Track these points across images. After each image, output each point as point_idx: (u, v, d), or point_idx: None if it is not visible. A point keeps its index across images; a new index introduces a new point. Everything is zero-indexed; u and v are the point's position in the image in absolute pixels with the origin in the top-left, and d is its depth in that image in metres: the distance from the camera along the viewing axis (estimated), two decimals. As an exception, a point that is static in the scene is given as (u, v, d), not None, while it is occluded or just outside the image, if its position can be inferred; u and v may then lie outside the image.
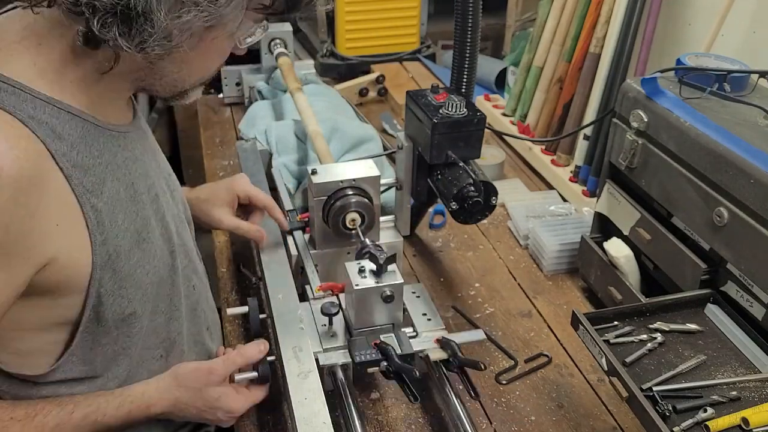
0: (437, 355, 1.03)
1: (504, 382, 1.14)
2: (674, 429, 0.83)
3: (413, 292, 1.16)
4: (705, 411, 0.84)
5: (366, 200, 1.19)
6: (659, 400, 0.86)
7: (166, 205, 0.96)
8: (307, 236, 1.28)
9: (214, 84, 2.09)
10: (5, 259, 0.72)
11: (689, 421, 0.84)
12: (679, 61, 1.14)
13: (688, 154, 1.01)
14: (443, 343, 1.03)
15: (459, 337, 1.05)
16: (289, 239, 1.28)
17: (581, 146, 1.61)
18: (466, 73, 1.31)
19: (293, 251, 1.25)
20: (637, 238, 1.16)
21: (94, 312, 0.83)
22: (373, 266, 1.03)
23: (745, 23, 1.37)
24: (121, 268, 0.84)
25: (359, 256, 1.11)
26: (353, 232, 1.20)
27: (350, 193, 1.18)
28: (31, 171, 0.72)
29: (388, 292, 1.03)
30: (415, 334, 1.08)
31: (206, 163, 1.79)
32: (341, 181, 1.18)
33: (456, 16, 1.26)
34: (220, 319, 1.20)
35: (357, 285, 1.02)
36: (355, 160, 1.37)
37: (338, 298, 1.12)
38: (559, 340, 1.23)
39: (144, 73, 0.82)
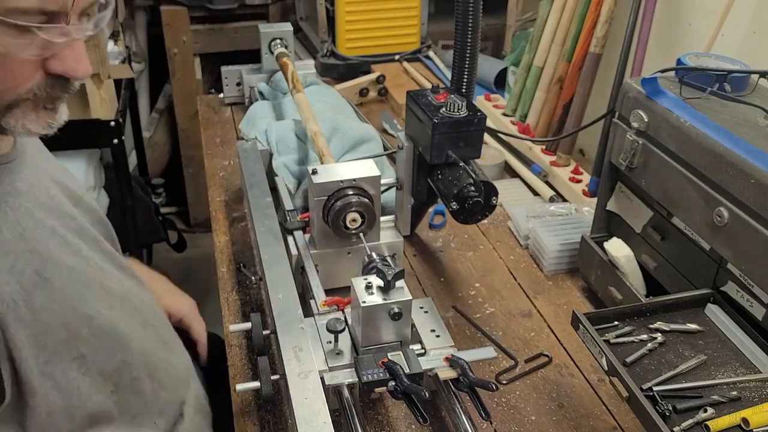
0: (447, 374, 1.00)
1: (504, 382, 1.14)
2: (674, 429, 0.83)
3: (421, 307, 1.12)
4: (705, 411, 0.85)
5: (366, 200, 1.19)
6: (659, 400, 0.86)
7: (77, 233, 0.89)
8: (307, 236, 1.28)
9: (215, 84, 2.09)
10: None
11: (689, 421, 0.84)
12: (679, 61, 1.14)
13: (689, 154, 1.02)
14: (453, 362, 1.00)
15: (469, 355, 1.01)
16: (290, 239, 1.28)
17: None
18: (466, 73, 1.31)
19: (293, 251, 1.25)
20: (650, 236, 1.16)
21: (11, 367, 0.75)
22: (381, 282, 0.99)
23: (745, 23, 1.37)
24: (23, 316, 0.76)
25: (366, 271, 1.08)
26: (353, 232, 1.20)
27: (351, 193, 1.18)
28: None
29: (396, 310, 0.99)
30: (423, 351, 1.04)
31: (206, 162, 1.80)
32: (341, 181, 1.18)
33: (456, 16, 1.26)
34: (221, 325, 1.19)
35: (364, 302, 0.98)
36: (356, 160, 1.37)
37: (344, 314, 1.08)
38: (559, 340, 1.23)
39: None
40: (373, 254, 1.12)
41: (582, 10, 1.66)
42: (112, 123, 2.12)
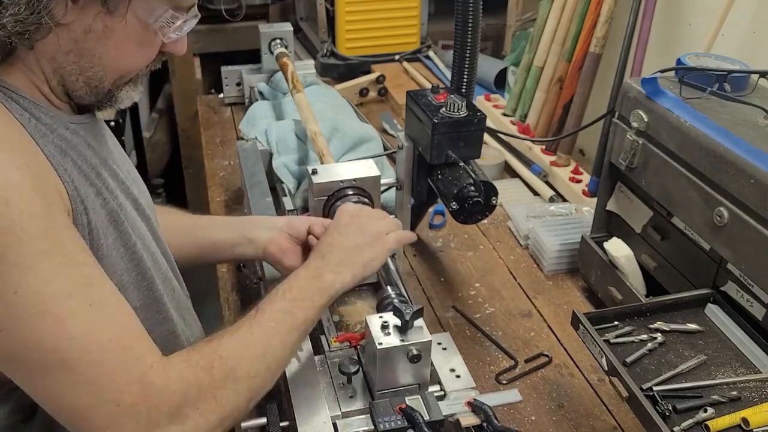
0: (469, 420, 0.91)
1: (504, 382, 1.14)
2: (674, 429, 0.83)
3: (439, 343, 1.03)
4: (705, 411, 0.85)
5: (366, 200, 1.19)
6: (659, 400, 0.86)
7: (131, 200, 0.93)
8: (307, 236, 1.28)
9: (215, 84, 2.09)
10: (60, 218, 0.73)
11: (689, 421, 0.84)
12: (679, 61, 1.14)
13: (689, 154, 1.01)
14: (475, 407, 0.91)
15: (492, 399, 0.93)
16: (290, 239, 1.27)
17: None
18: (466, 73, 1.31)
19: (293, 251, 1.25)
20: (650, 236, 1.16)
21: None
22: (398, 322, 0.91)
23: (745, 23, 1.37)
24: (100, 246, 0.81)
25: (381, 308, 1.02)
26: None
27: (350, 193, 1.18)
28: (21, 131, 0.73)
29: (415, 351, 0.91)
30: (443, 393, 0.96)
31: (206, 162, 1.80)
32: (341, 181, 1.18)
33: (456, 16, 1.26)
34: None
35: (380, 344, 0.90)
36: (356, 160, 1.37)
37: (357, 352, 1.01)
38: (559, 340, 1.23)
39: (58, 71, 0.79)
40: (389, 289, 1.05)
41: (582, 10, 1.66)
42: (112, 123, 2.12)
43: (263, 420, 0.94)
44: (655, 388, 0.88)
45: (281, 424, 0.94)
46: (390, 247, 1.02)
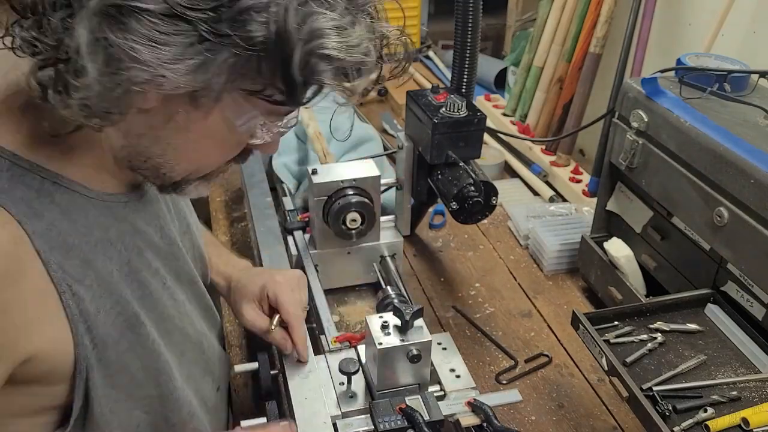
0: (469, 420, 0.91)
1: (504, 382, 1.14)
2: (674, 429, 0.83)
3: (439, 343, 1.03)
4: (705, 411, 0.85)
5: (366, 200, 1.19)
6: (659, 400, 0.86)
7: (178, 279, 0.86)
8: (307, 236, 1.28)
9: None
10: None
11: (689, 421, 0.84)
12: (679, 61, 1.14)
13: (689, 154, 1.02)
14: (475, 407, 0.91)
15: (492, 399, 0.93)
16: (290, 239, 1.28)
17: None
18: (466, 73, 1.31)
19: (293, 251, 1.25)
20: (650, 236, 1.16)
21: (84, 400, 0.74)
22: (398, 321, 0.92)
23: (745, 23, 1.37)
24: (108, 356, 0.73)
25: (381, 308, 1.02)
26: (353, 232, 1.20)
27: (350, 193, 1.18)
28: (6, 265, 0.62)
29: (415, 351, 0.91)
30: (443, 393, 0.96)
31: (206, 163, 1.79)
32: (341, 181, 1.18)
33: (456, 16, 1.26)
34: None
35: (380, 344, 0.90)
36: (355, 160, 1.37)
37: (357, 352, 1.01)
38: (559, 340, 1.23)
39: (125, 150, 0.71)
40: (389, 289, 1.05)
41: (582, 10, 1.66)
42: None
43: (255, 365, 0.97)
44: (655, 388, 0.88)
45: (271, 372, 0.97)
46: None
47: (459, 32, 1.27)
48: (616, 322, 1.00)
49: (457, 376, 0.98)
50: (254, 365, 0.98)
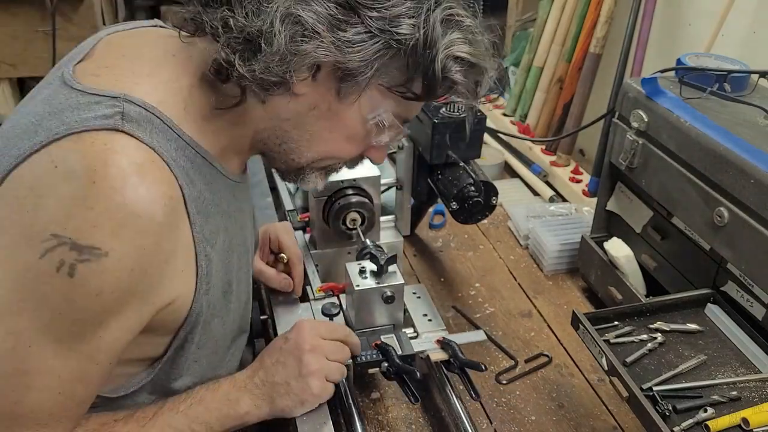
0: (438, 355, 1.03)
1: (504, 382, 1.14)
2: (674, 429, 0.83)
3: (414, 293, 1.16)
4: (705, 411, 0.84)
5: (366, 200, 1.19)
6: (659, 400, 0.86)
7: (248, 258, 0.96)
8: (307, 236, 1.28)
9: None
10: (139, 301, 0.71)
11: (689, 421, 0.84)
12: (679, 61, 1.14)
13: (689, 154, 1.02)
14: (444, 344, 1.03)
15: (460, 338, 1.05)
16: (290, 239, 1.28)
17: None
18: (466, 73, 1.30)
19: (293, 251, 1.25)
20: (650, 236, 1.16)
21: (173, 353, 0.82)
22: (374, 267, 1.03)
23: (745, 23, 1.37)
24: (207, 318, 0.82)
25: (360, 257, 1.11)
26: (353, 232, 1.20)
27: (350, 193, 1.18)
28: (173, 218, 0.72)
29: (389, 293, 1.02)
30: (415, 334, 1.08)
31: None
32: (341, 181, 1.18)
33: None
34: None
35: (357, 285, 1.02)
36: (356, 160, 1.37)
37: (339, 299, 1.12)
38: (559, 340, 1.23)
39: (267, 132, 0.82)
40: (367, 241, 1.14)
41: (582, 10, 1.66)
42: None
43: None
44: (655, 388, 0.88)
45: (261, 317, 1.10)
46: (323, 395, 0.91)
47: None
48: (616, 322, 1.00)
49: (429, 320, 1.10)
50: None
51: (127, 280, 0.68)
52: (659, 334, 0.97)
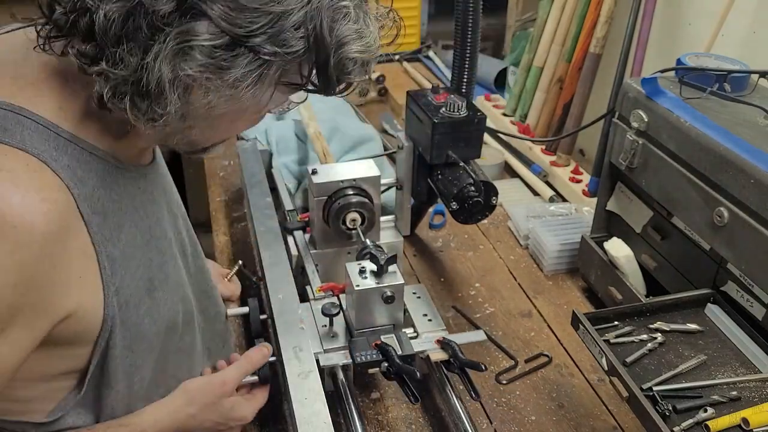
0: (438, 355, 1.03)
1: (504, 382, 1.14)
2: (674, 429, 0.83)
3: (414, 293, 1.16)
4: (705, 411, 0.85)
5: (366, 200, 1.19)
6: (659, 400, 0.86)
7: (179, 247, 0.93)
8: (307, 236, 1.28)
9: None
10: (28, 316, 0.68)
11: (689, 421, 0.84)
12: (679, 61, 1.14)
13: (689, 154, 1.01)
14: (444, 344, 1.03)
15: (460, 338, 1.05)
16: (290, 239, 1.28)
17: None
18: (466, 73, 1.31)
19: (293, 251, 1.25)
20: (650, 236, 1.16)
21: (101, 362, 0.79)
22: (374, 267, 1.03)
23: (745, 23, 1.37)
24: (129, 318, 0.79)
25: (360, 257, 1.11)
26: (353, 232, 1.20)
27: (350, 193, 1.18)
28: (59, 224, 0.68)
29: (389, 293, 1.02)
30: (415, 334, 1.08)
31: (206, 163, 1.80)
32: (341, 181, 1.18)
33: (456, 16, 1.26)
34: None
35: (358, 286, 1.02)
36: (356, 160, 1.37)
37: (339, 299, 1.12)
38: (559, 340, 1.23)
39: (167, 130, 0.76)
40: (367, 241, 1.15)
41: (582, 10, 1.66)
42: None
43: (246, 309, 1.09)
44: (655, 388, 0.88)
45: (261, 317, 1.08)
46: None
47: (459, 32, 1.27)
48: (616, 322, 1.00)
49: (429, 320, 1.10)
50: (245, 309, 1.09)
51: (10, 297, 0.65)
52: (659, 334, 0.97)
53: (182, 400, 0.90)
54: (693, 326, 0.99)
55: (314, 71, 0.72)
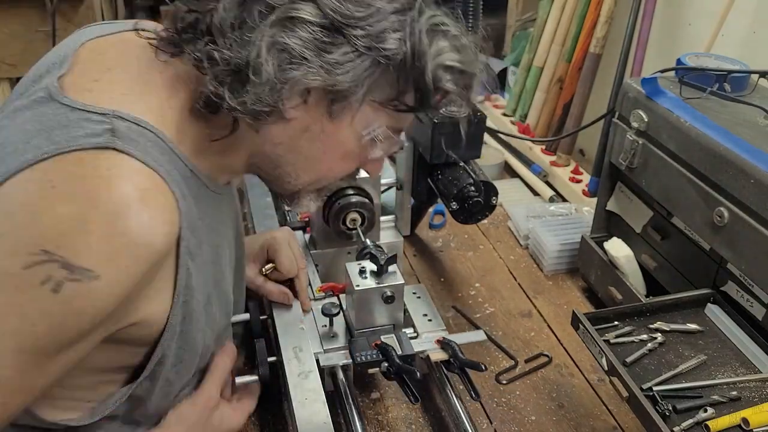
0: (438, 355, 1.03)
1: (504, 382, 1.14)
2: (674, 429, 0.83)
3: (414, 293, 1.16)
4: (705, 411, 0.85)
5: (366, 200, 1.19)
6: (659, 400, 0.86)
7: (231, 262, 0.95)
8: (307, 236, 1.28)
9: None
10: (111, 323, 0.70)
11: (689, 421, 0.84)
12: (679, 61, 1.14)
13: (689, 154, 1.02)
14: (444, 344, 1.03)
15: (460, 338, 1.05)
16: (290, 239, 1.28)
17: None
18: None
19: (293, 251, 1.25)
20: (650, 236, 1.16)
21: (154, 368, 0.79)
22: (374, 267, 1.03)
23: (745, 23, 1.37)
24: (188, 330, 0.80)
25: (360, 257, 1.11)
26: (353, 232, 1.20)
27: (350, 193, 1.18)
28: (171, 244, 0.71)
29: (389, 293, 1.03)
30: (415, 334, 1.08)
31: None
32: (341, 181, 1.18)
33: (456, 16, 1.26)
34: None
35: (358, 285, 1.02)
36: (356, 160, 1.37)
37: (339, 299, 1.12)
38: (559, 340, 1.23)
39: (260, 156, 0.81)
40: (367, 241, 1.15)
41: (582, 10, 1.66)
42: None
43: (246, 316, 1.06)
44: (655, 388, 0.88)
45: (261, 317, 1.07)
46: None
47: (459, 32, 1.27)
48: (616, 322, 1.00)
49: (429, 320, 1.10)
50: (247, 316, 1.07)
51: (112, 305, 0.67)
52: (659, 334, 0.97)
53: (173, 429, 0.89)
54: (693, 326, 0.99)
55: (409, 84, 0.74)
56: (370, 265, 1.04)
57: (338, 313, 1.06)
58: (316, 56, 0.70)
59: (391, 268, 1.04)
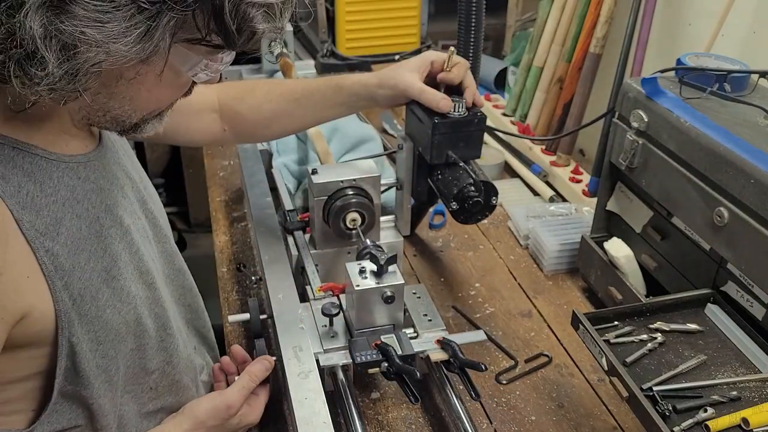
0: (438, 355, 1.03)
1: (504, 382, 1.14)
2: (674, 429, 0.83)
3: (414, 293, 1.16)
4: (705, 411, 0.85)
5: (366, 200, 1.19)
6: (659, 400, 0.86)
7: (140, 235, 0.91)
8: (307, 236, 1.28)
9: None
10: None
11: (689, 421, 0.84)
12: (679, 61, 1.14)
13: (689, 154, 1.02)
14: (444, 344, 1.03)
15: (460, 338, 1.05)
16: (290, 239, 1.28)
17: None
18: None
19: (293, 251, 1.25)
20: (650, 236, 1.16)
21: (70, 361, 0.78)
22: (374, 267, 1.03)
23: (745, 23, 1.37)
24: (88, 311, 0.78)
25: (360, 257, 1.12)
26: (353, 232, 1.20)
27: (350, 193, 1.18)
28: None
29: (389, 293, 1.03)
30: (415, 334, 1.08)
31: (206, 162, 1.80)
32: (341, 181, 1.18)
33: (459, 17, 1.26)
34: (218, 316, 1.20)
35: (358, 285, 1.02)
36: (356, 160, 1.37)
37: (339, 299, 1.12)
38: (559, 340, 1.23)
39: (83, 111, 0.76)
40: (367, 241, 1.15)
41: (582, 10, 1.66)
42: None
43: (246, 315, 1.08)
44: (655, 388, 0.88)
45: (261, 317, 1.08)
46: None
47: (462, 32, 1.27)
48: (616, 322, 1.00)
49: (429, 320, 1.11)
50: (246, 316, 1.08)
51: None
52: (659, 334, 0.97)
53: (188, 425, 0.89)
54: (693, 326, 0.99)
55: (212, 23, 0.66)
56: (370, 265, 1.04)
57: (338, 313, 1.06)
58: (98, 32, 0.62)
59: (391, 268, 1.04)
